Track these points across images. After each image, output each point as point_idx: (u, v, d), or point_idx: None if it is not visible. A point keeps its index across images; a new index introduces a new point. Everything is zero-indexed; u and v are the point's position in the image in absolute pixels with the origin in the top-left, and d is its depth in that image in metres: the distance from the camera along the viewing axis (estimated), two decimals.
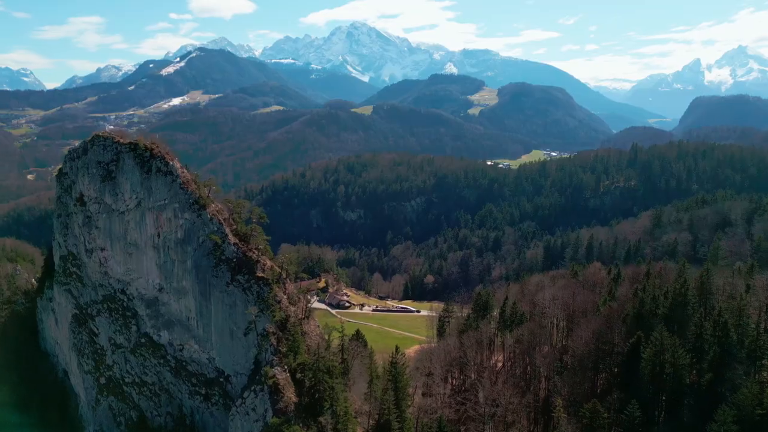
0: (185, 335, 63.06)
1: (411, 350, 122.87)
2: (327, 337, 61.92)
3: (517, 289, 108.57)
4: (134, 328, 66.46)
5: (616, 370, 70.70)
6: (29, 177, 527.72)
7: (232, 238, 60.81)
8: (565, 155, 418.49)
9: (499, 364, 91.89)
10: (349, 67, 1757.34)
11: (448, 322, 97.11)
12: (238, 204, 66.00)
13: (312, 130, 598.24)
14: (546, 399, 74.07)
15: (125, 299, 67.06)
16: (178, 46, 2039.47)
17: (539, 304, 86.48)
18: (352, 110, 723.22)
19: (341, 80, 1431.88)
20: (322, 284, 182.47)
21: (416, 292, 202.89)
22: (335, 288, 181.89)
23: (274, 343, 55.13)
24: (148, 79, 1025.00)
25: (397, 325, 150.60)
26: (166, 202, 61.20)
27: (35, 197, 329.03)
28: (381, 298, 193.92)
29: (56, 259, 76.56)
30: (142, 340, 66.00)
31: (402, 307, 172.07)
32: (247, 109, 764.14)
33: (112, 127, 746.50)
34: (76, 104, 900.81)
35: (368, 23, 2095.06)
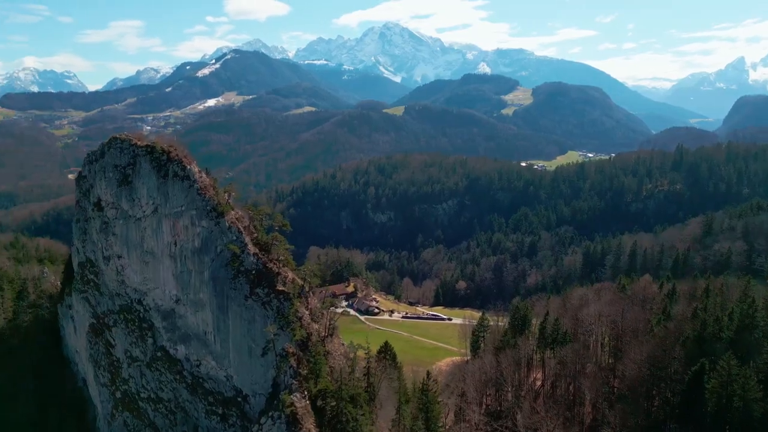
0: (202, 350, 59.14)
1: (442, 363, 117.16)
2: (352, 356, 57.03)
3: (558, 303, 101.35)
4: (150, 341, 62.97)
5: (672, 399, 63.43)
6: (70, 176, 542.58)
7: (251, 248, 56.53)
8: (603, 156, 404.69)
9: (538, 383, 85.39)
10: (381, 68, 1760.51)
11: (483, 336, 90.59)
12: (259, 211, 61.62)
13: (343, 131, 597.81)
14: (593, 428, 67.43)
15: (141, 310, 63.66)
16: (214, 48, 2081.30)
17: (583, 321, 79.49)
18: (384, 111, 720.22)
19: (373, 81, 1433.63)
20: (350, 289, 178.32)
21: (447, 298, 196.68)
22: (364, 293, 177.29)
23: (294, 365, 50.46)
24: (185, 80, 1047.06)
25: (427, 334, 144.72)
26: (183, 208, 57.37)
27: (74, 197, 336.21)
28: (411, 303, 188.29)
29: (75, 266, 74.08)
30: (159, 354, 62.40)
31: (433, 315, 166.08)
32: (279, 110, 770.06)
33: (149, 128, 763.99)
34: (116, 105, 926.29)
35: (401, 24, 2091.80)
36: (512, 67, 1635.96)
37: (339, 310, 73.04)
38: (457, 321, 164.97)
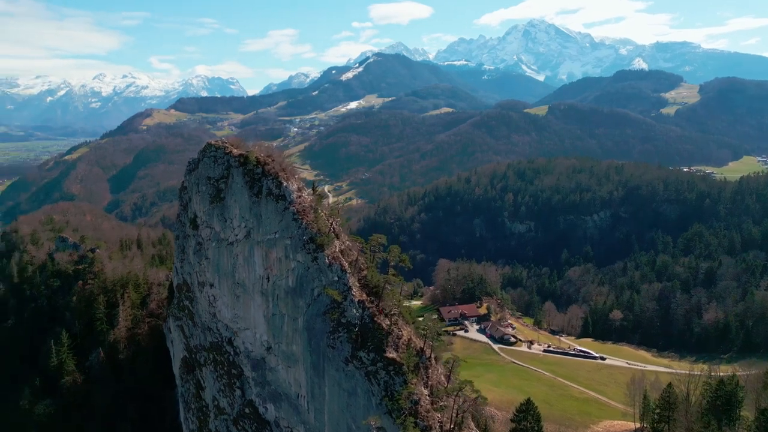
0: (294, 417, 46.61)
1: (599, 427, 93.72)
2: None
3: None
4: (238, 392, 52.09)
5: None
6: None
7: (357, 294, 42.38)
8: None
9: None
10: (523, 67, 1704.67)
11: (669, 416, 66.23)
12: (372, 241, 47.09)
13: (480, 132, 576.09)
14: None
15: (231, 352, 53.12)
16: (358, 52, 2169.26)
17: None
18: (525, 111, 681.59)
19: (514, 80, 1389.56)
20: (483, 310, 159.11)
21: (598, 329, 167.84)
22: (498, 316, 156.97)
23: None
24: (330, 84, 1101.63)
25: (575, 377, 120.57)
26: (277, 236, 45.22)
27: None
28: (553, 332, 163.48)
29: (174, 286, 66.72)
30: (246, 410, 51.24)
31: (582, 351, 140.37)
32: (417, 112, 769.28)
33: (296, 129, 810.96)
34: (269, 108, 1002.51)
35: (546, 20, 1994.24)
36: (674, 62, 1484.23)
37: (473, 396, 54.32)
38: (612, 362, 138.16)
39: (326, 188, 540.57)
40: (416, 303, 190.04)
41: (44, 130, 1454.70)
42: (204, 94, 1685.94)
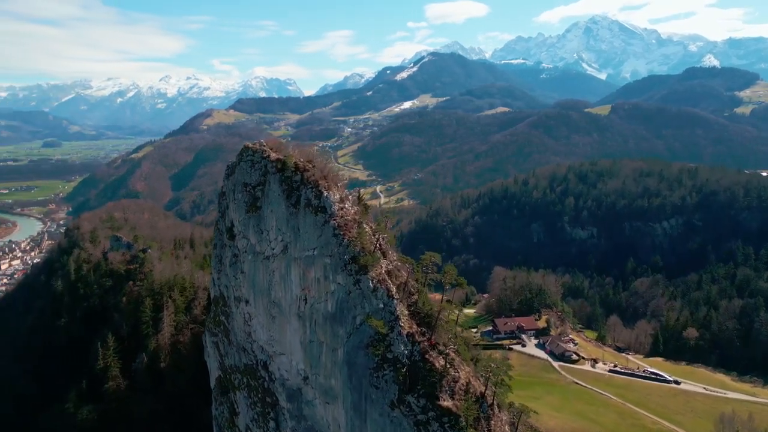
0: None
1: None
2: None
3: None
4: (272, 423, 46.90)
5: None
6: None
7: (405, 324, 36.05)
8: None
9: None
10: (584, 65, 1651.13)
11: None
12: (425, 260, 40.47)
13: (538, 132, 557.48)
14: None
15: (266, 378, 48.03)
16: (413, 52, 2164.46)
17: None
18: (586, 110, 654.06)
19: (574, 78, 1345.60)
20: (542, 324, 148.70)
21: (669, 347, 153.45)
22: (559, 331, 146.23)
23: None
24: (384, 84, 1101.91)
25: (647, 404, 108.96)
26: (315, 253, 39.56)
27: None
28: (619, 350, 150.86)
29: (211, 298, 62.57)
30: None
31: (652, 373, 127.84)
32: (472, 111, 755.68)
33: (350, 129, 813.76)
34: (324, 109, 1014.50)
35: (609, 16, 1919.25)
36: (748, 59, 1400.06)
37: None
38: (687, 386, 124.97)
39: (378, 188, 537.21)
40: (469, 311, 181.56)
41: (114, 129, 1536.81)
42: (262, 94, 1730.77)
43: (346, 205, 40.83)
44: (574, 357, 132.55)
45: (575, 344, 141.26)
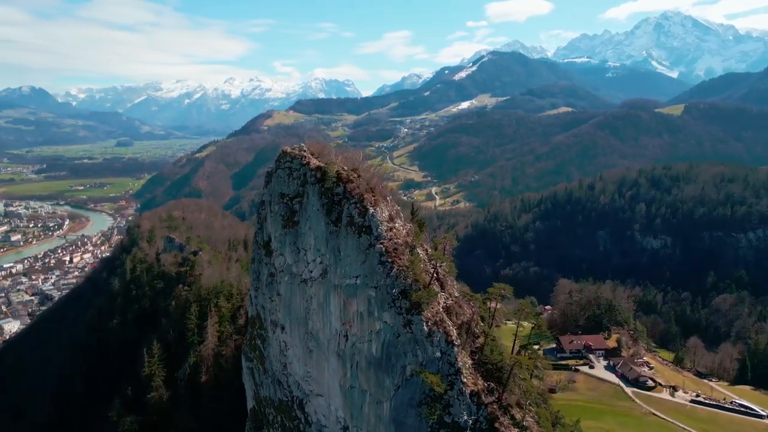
0: None
1: None
2: None
3: None
4: None
5: None
6: None
7: (469, 380, 28.62)
8: None
9: None
10: (653, 63, 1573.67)
11: None
12: (493, 294, 32.73)
13: (604, 134, 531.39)
14: None
15: (302, 419, 41.72)
16: (472, 52, 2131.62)
17: None
18: (656, 110, 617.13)
19: (642, 77, 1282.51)
20: (612, 343, 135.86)
21: (758, 374, 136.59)
22: (631, 352, 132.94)
23: None
24: (442, 84, 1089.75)
25: None
26: (358, 282, 32.73)
27: None
28: (699, 375, 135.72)
29: (248, 318, 57.13)
30: None
31: (742, 405, 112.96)
32: (533, 112, 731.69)
33: (406, 130, 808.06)
34: (381, 109, 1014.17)
35: (682, 12, 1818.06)
36: None
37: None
38: None
39: (433, 190, 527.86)
40: (529, 325, 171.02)
41: (181, 129, 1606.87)
42: (321, 95, 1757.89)
43: (397, 224, 33.77)
44: (650, 383, 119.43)
45: (650, 368, 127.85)
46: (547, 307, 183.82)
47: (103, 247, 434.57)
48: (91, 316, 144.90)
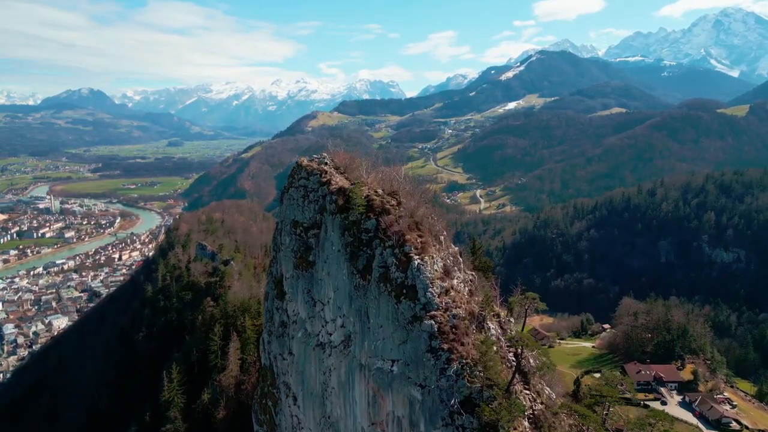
0: None
1: None
2: None
3: None
4: None
5: None
6: None
7: None
8: None
9: None
10: (712, 61, 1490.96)
11: None
12: (608, 398, 20.63)
13: (661, 135, 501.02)
14: None
15: None
16: (519, 52, 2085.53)
17: None
18: (718, 111, 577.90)
19: (701, 76, 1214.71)
20: (686, 375, 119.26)
21: None
22: (710, 385, 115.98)
23: None
24: (488, 84, 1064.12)
25: None
26: (394, 369, 21.38)
27: None
28: None
29: (261, 366, 46.87)
30: None
31: None
32: (583, 112, 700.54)
33: (450, 131, 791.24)
34: (425, 110, 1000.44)
35: (743, 8, 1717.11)
36: None
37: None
38: None
39: (478, 193, 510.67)
40: (585, 344, 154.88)
41: (230, 130, 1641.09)
42: (366, 97, 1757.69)
43: (455, 281, 21.99)
44: (734, 425, 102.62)
45: (733, 406, 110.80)
46: (605, 325, 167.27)
47: (150, 245, 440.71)
48: (122, 325, 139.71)
